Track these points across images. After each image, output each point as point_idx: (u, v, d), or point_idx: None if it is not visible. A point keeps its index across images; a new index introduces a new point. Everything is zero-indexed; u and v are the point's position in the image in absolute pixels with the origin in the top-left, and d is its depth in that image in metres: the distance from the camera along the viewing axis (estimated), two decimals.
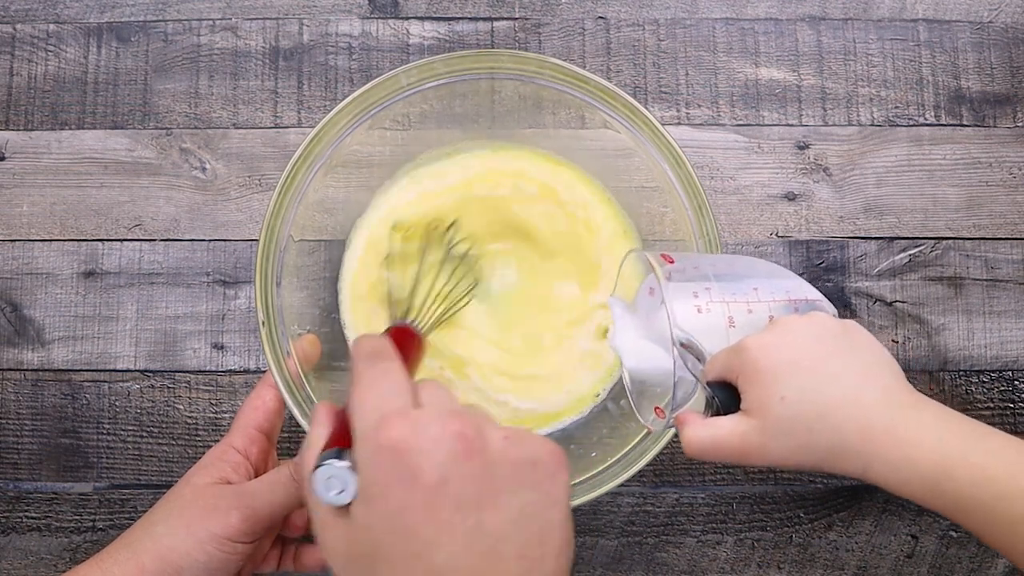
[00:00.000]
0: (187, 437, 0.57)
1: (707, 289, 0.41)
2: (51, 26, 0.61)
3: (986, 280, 0.59)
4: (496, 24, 0.61)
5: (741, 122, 0.60)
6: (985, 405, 0.58)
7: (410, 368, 0.41)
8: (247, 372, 0.58)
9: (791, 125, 0.60)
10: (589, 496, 0.47)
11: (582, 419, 0.55)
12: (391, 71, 0.49)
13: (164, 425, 0.57)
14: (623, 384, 0.49)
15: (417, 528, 0.30)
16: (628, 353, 0.48)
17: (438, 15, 0.61)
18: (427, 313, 0.47)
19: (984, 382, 0.58)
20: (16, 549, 0.56)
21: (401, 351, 0.40)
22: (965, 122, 0.61)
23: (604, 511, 0.57)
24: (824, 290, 0.59)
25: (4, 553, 0.56)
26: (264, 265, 0.48)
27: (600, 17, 0.61)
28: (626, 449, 0.48)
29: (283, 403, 0.48)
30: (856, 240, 0.59)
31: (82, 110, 0.60)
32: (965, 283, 0.59)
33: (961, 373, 0.58)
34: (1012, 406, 0.58)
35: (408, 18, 0.61)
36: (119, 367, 0.58)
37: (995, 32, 0.61)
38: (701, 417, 0.39)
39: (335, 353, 0.55)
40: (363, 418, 0.32)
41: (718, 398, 0.39)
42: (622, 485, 0.47)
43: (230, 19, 0.61)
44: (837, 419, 0.36)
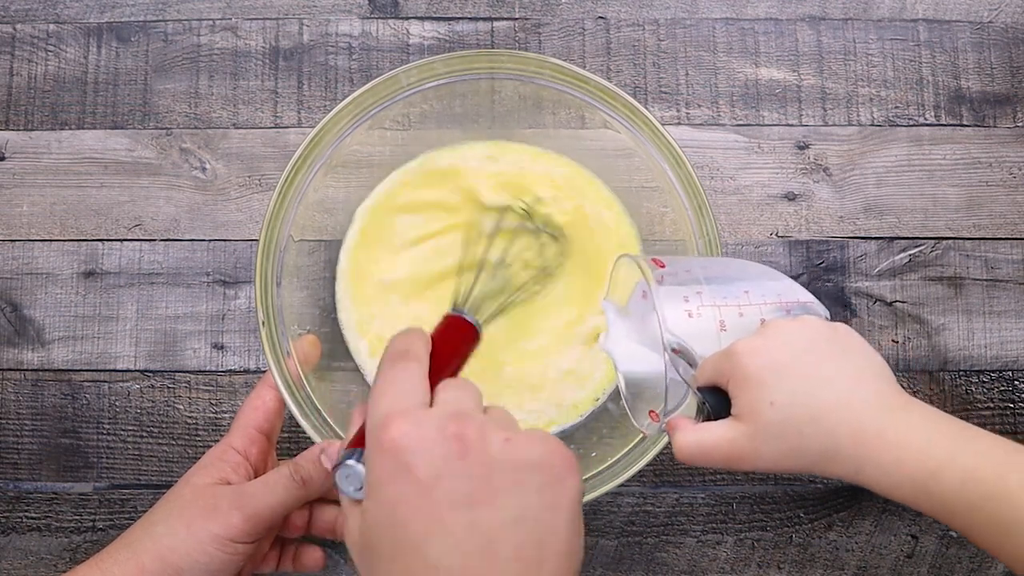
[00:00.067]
0: (187, 437, 0.57)
1: (698, 293, 0.40)
2: (51, 26, 0.61)
3: (986, 280, 0.59)
4: (496, 24, 0.61)
5: (741, 122, 0.60)
6: (985, 405, 0.58)
7: (455, 363, 0.40)
8: (247, 372, 0.58)
9: (791, 125, 0.60)
10: (589, 496, 0.47)
11: (581, 420, 0.55)
12: (391, 71, 0.49)
13: (164, 425, 0.57)
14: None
15: (410, 522, 0.31)
16: (622, 357, 0.47)
17: (438, 15, 0.61)
18: (487, 301, 0.45)
19: (984, 382, 0.58)
20: (16, 549, 0.56)
21: (447, 345, 0.40)
22: (965, 122, 0.61)
23: (604, 511, 0.57)
24: (824, 290, 0.59)
25: (4, 553, 0.56)
26: (264, 265, 0.48)
27: (600, 17, 0.61)
28: (626, 449, 0.48)
29: (283, 403, 0.48)
30: (856, 240, 0.59)
31: (82, 110, 0.60)
32: (965, 283, 0.59)
33: (961, 373, 0.58)
34: (1012, 406, 0.58)
35: (408, 18, 0.61)
36: (119, 367, 0.58)
37: (995, 32, 0.61)
38: (692, 422, 0.39)
39: (335, 353, 0.55)
40: (372, 418, 0.34)
41: (708, 403, 0.38)
42: (622, 485, 0.47)
43: (230, 19, 0.61)
44: (828, 423, 0.35)
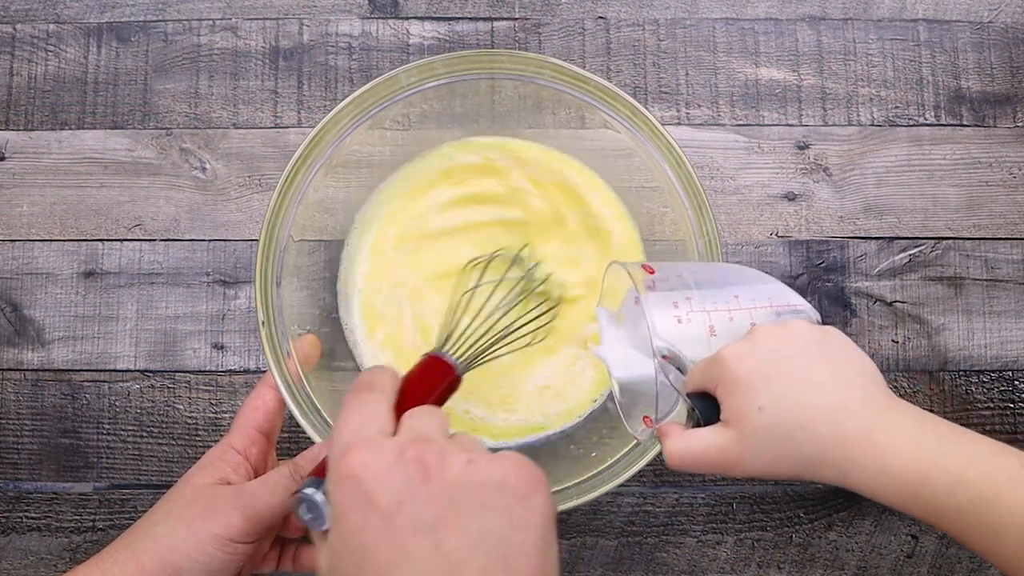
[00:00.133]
0: (187, 437, 0.57)
1: (687, 299, 0.40)
2: (51, 26, 0.61)
3: (986, 280, 0.59)
4: (496, 24, 0.61)
5: (741, 122, 0.60)
6: (985, 405, 0.58)
7: (430, 400, 0.40)
8: (247, 372, 0.58)
9: (791, 125, 0.60)
10: (589, 496, 0.47)
11: (581, 421, 0.55)
12: (391, 71, 0.49)
13: (164, 425, 0.57)
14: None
15: (376, 551, 0.31)
16: (615, 363, 0.47)
17: (438, 15, 0.61)
18: (467, 347, 0.44)
19: (984, 382, 0.58)
20: (16, 549, 0.56)
21: (423, 383, 0.40)
22: (965, 122, 0.61)
23: (604, 511, 0.57)
24: (824, 290, 0.59)
25: (4, 553, 0.56)
26: (264, 265, 0.48)
27: (600, 17, 0.61)
28: (626, 449, 0.48)
29: (283, 403, 0.48)
30: (856, 240, 0.59)
31: (82, 110, 0.60)
32: (965, 283, 0.59)
33: (961, 373, 0.58)
34: (1012, 406, 0.58)
35: (408, 18, 0.61)
36: (119, 367, 0.57)
37: (995, 32, 0.61)
38: (682, 429, 0.39)
39: (335, 353, 0.55)
40: (334, 448, 0.34)
41: (698, 409, 0.38)
42: (622, 485, 0.47)
43: (230, 19, 0.61)
44: (815, 428, 0.35)
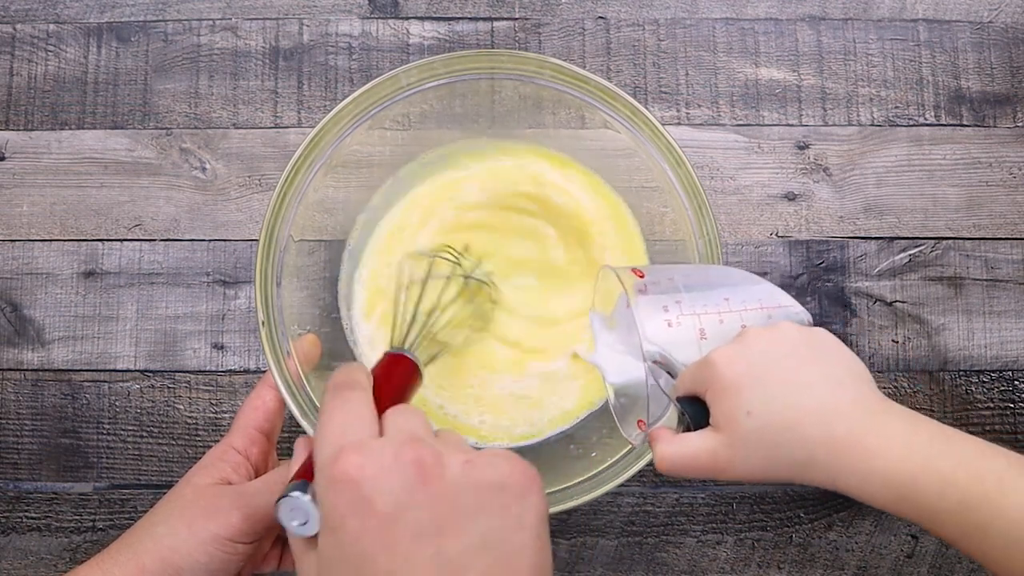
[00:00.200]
0: (187, 437, 0.57)
1: (677, 302, 0.40)
2: (51, 26, 0.61)
3: (986, 280, 0.59)
4: (496, 24, 0.61)
5: (741, 122, 0.60)
6: (985, 405, 0.58)
7: (399, 396, 0.40)
8: (247, 372, 0.58)
9: (791, 125, 0.60)
10: (589, 496, 0.47)
11: (580, 422, 0.55)
12: (391, 71, 0.49)
13: (164, 425, 0.57)
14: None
15: (375, 558, 0.30)
16: (609, 368, 0.47)
17: (438, 15, 0.61)
18: (424, 341, 0.46)
19: (984, 382, 0.58)
20: (16, 549, 0.56)
21: (391, 379, 0.40)
22: (965, 122, 0.61)
23: (604, 511, 0.57)
24: (824, 290, 0.59)
25: (4, 553, 0.56)
26: (264, 265, 0.48)
27: (600, 17, 0.61)
28: (626, 449, 0.48)
29: (283, 403, 0.48)
30: (856, 240, 0.59)
31: (82, 110, 0.60)
32: (965, 283, 0.59)
33: (961, 373, 0.58)
34: (1012, 406, 0.58)
35: (408, 18, 0.61)
36: (119, 367, 0.57)
37: (995, 32, 0.61)
38: (672, 433, 0.39)
39: (335, 353, 0.55)
40: (321, 450, 0.32)
41: (688, 413, 0.38)
42: (622, 485, 0.47)
43: (230, 19, 0.61)
44: (804, 430, 0.35)
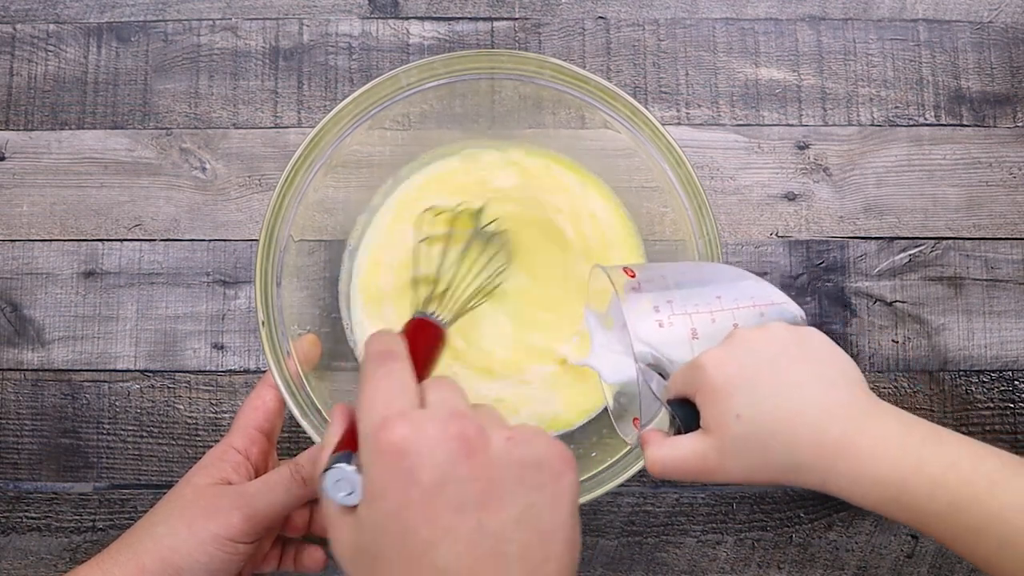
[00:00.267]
0: (187, 437, 0.57)
1: (669, 302, 0.39)
2: (51, 26, 0.61)
3: (986, 280, 0.59)
4: (496, 24, 0.61)
5: (741, 122, 0.60)
6: (985, 405, 0.58)
7: (429, 363, 0.40)
8: (247, 372, 0.58)
9: (791, 125, 0.60)
10: (589, 496, 0.47)
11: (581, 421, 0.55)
12: (391, 71, 0.49)
13: (164, 425, 0.57)
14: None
15: (417, 529, 0.30)
16: (605, 368, 0.47)
17: (438, 15, 0.61)
18: (449, 304, 0.46)
19: (984, 382, 0.58)
20: (16, 549, 0.56)
21: (419, 345, 0.40)
22: (965, 122, 0.61)
23: (604, 511, 0.57)
24: (824, 290, 0.59)
25: (4, 553, 0.56)
26: (264, 265, 0.48)
27: (600, 17, 0.61)
28: (626, 449, 0.48)
29: (283, 403, 0.48)
30: (856, 240, 0.59)
31: (82, 110, 0.60)
32: (965, 283, 0.59)
33: (961, 373, 0.58)
34: (1012, 406, 0.58)
35: (408, 18, 0.61)
36: (119, 367, 0.57)
37: (995, 32, 0.61)
38: (663, 436, 0.38)
39: (335, 353, 0.55)
40: (366, 420, 0.32)
41: (678, 416, 0.38)
42: (622, 485, 0.47)
43: (230, 19, 0.61)
44: (793, 435, 0.35)
